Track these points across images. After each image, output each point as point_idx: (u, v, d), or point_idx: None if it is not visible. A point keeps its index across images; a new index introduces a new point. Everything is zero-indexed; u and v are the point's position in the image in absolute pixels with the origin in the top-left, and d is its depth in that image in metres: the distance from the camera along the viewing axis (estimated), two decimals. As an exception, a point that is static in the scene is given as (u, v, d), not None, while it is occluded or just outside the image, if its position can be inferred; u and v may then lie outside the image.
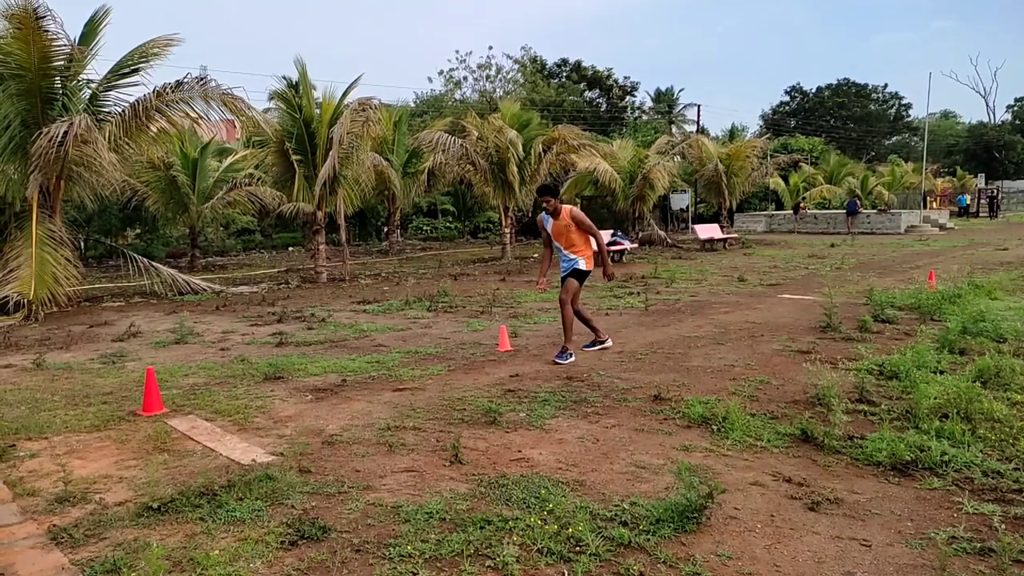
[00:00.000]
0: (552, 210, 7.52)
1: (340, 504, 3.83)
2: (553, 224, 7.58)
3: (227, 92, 13.03)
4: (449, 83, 46.12)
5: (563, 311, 7.45)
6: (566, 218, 7.50)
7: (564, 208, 7.54)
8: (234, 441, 4.94)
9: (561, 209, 7.53)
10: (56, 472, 4.33)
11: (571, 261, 7.53)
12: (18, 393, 6.37)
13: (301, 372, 7.04)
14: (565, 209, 7.54)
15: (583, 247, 7.54)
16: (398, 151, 24.73)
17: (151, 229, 23.60)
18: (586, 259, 7.53)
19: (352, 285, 15.46)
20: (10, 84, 11.79)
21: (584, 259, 7.51)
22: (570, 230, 7.48)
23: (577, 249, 7.52)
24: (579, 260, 7.50)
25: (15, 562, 3.17)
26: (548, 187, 7.61)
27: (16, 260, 11.45)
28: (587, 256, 7.55)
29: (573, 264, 7.52)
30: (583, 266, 7.52)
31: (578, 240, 7.52)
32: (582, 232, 7.53)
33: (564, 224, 7.49)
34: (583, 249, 7.53)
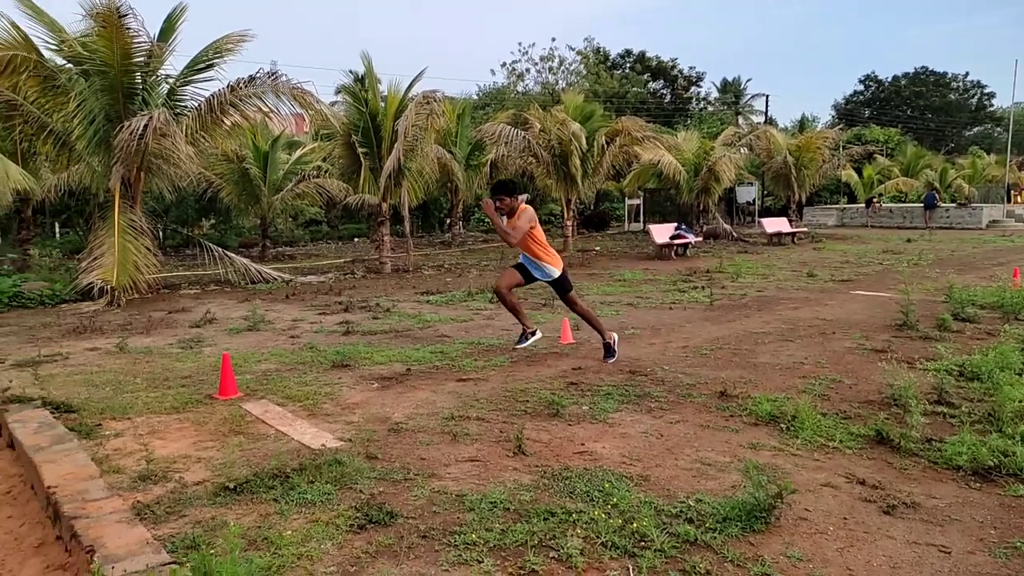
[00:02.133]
0: (508, 211, 6.81)
1: (406, 491, 3.90)
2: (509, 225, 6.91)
3: (297, 86, 13.34)
4: (512, 75, 46.19)
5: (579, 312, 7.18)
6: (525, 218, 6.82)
7: (522, 207, 6.86)
8: (304, 426, 5.08)
9: (518, 208, 6.83)
10: (139, 451, 4.55)
11: (539, 269, 6.99)
12: (103, 375, 6.70)
13: (367, 361, 7.19)
14: (522, 208, 6.86)
15: (545, 248, 6.94)
16: (461, 143, 24.89)
17: (225, 220, 24.43)
18: (552, 264, 6.95)
19: (415, 276, 15.68)
20: (95, 80, 12.35)
21: (551, 264, 6.94)
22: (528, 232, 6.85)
23: (537, 249, 6.90)
24: (548, 267, 6.94)
25: (103, 535, 3.33)
26: (502, 184, 6.92)
27: (100, 248, 12.02)
28: (551, 261, 6.96)
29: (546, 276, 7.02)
30: (556, 272, 6.98)
31: (535, 246, 6.89)
32: (539, 232, 6.90)
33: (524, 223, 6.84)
34: (546, 251, 6.95)
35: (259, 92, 13.18)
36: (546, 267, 6.97)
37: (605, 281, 13.82)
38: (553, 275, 7.01)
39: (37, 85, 12.23)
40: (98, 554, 3.15)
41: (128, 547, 3.21)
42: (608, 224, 32.96)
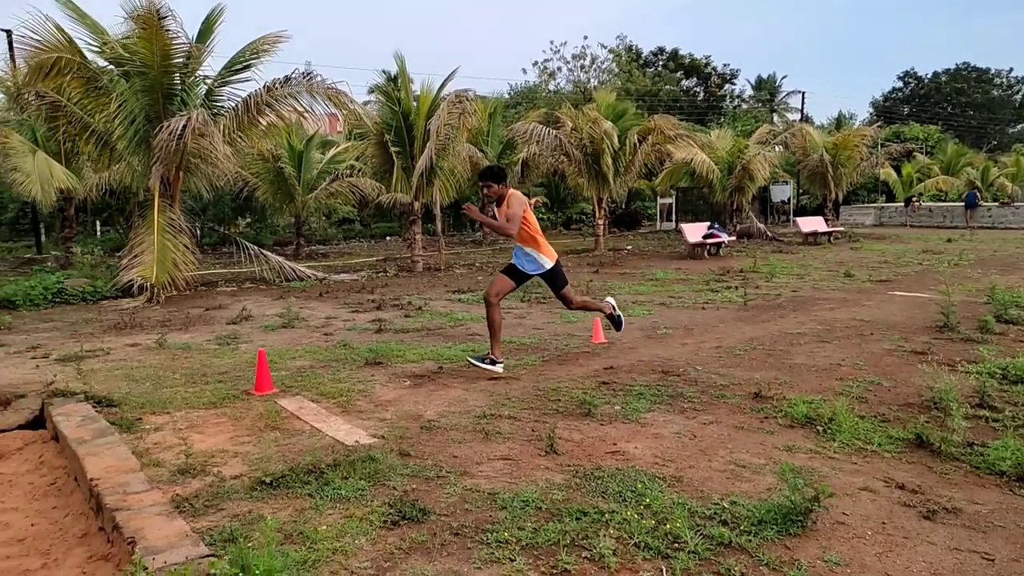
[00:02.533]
0: (497, 198, 6.47)
1: (438, 488, 3.92)
2: (500, 214, 6.55)
3: (331, 87, 13.49)
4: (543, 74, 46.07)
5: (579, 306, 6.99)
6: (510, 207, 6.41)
7: (511, 194, 6.44)
8: (338, 422, 5.14)
9: (507, 196, 6.43)
10: (178, 445, 4.64)
11: (532, 261, 6.58)
12: (143, 370, 6.85)
13: (399, 358, 7.24)
14: (511, 196, 6.44)
15: (538, 239, 6.53)
16: (492, 142, 24.95)
17: (260, 218, 24.79)
18: (545, 254, 6.54)
19: (447, 274, 15.75)
20: (135, 81, 12.62)
21: (543, 254, 6.53)
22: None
23: (528, 240, 6.52)
24: (540, 257, 6.53)
25: (144, 527, 3.40)
26: (489, 170, 6.55)
27: (140, 246, 12.28)
28: (544, 251, 6.54)
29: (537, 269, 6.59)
30: (548, 264, 6.57)
31: (526, 232, 6.48)
32: (531, 220, 6.51)
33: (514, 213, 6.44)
34: (538, 242, 6.53)
35: (294, 92, 13.35)
36: (539, 257, 6.52)
37: (637, 280, 13.74)
38: (545, 266, 6.55)
39: (80, 86, 12.54)
40: (139, 545, 3.21)
41: (168, 539, 3.28)
42: (639, 223, 32.76)
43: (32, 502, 4.33)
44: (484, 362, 6.42)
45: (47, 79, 12.14)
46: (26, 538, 3.86)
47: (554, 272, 6.67)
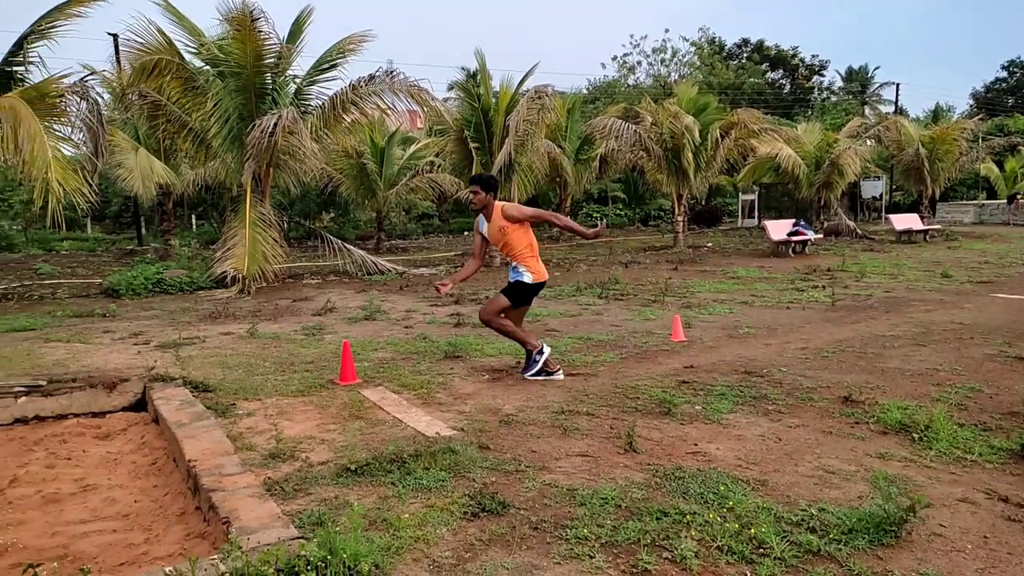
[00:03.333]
0: (480, 207, 6.18)
1: (518, 482, 3.95)
2: (488, 228, 6.23)
3: (414, 84, 13.75)
4: (623, 69, 45.60)
5: (495, 327, 6.27)
6: (499, 219, 6.09)
7: (496, 206, 6.13)
8: (419, 414, 5.24)
9: (494, 207, 6.12)
10: (269, 430, 4.83)
11: (514, 271, 6.21)
12: (236, 358, 7.16)
13: (478, 352, 7.32)
14: (497, 207, 6.12)
15: (525, 253, 6.13)
16: (570, 138, 24.85)
17: (343, 213, 25.50)
18: (531, 269, 6.14)
19: (524, 270, 15.79)
20: (230, 81, 13.18)
21: (528, 270, 6.13)
22: (506, 233, 6.11)
23: (518, 255, 6.14)
24: (521, 271, 6.14)
25: (238, 508, 3.56)
26: (479, 177, 6.22)
27: (233, 239, 12.84)
28: (532, 267, 6.15)
29: (517, 276, 6.18)
30: (528, 279, 6.13)
31: (518, 244, 6.10)
32: (523, 234, 6.13)
33: (498, 227, 6.12)
34: (526, 256, 6.14)
35: (378, 90, 13.67)
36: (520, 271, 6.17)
37: (718, 278, 13.44)
38: (523, 280, 6.15)
39: (179, 86, 13.19)
40: (234, 526, 3.37)
41: (260, 520, 3.42)
42: (720, 220, 32.01)
43: (135, 480, 4.60)
44: (537, 366, 6.07)
45: (149, 80, 12.83)
46: (130, 514, 4.10)
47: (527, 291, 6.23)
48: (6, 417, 5.47)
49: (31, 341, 8.13)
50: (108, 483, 4.51)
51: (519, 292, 6.19)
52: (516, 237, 6.09)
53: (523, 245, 6.10)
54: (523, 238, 6.12)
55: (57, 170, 9.76)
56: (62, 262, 18.73)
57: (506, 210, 6.08)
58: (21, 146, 9.69)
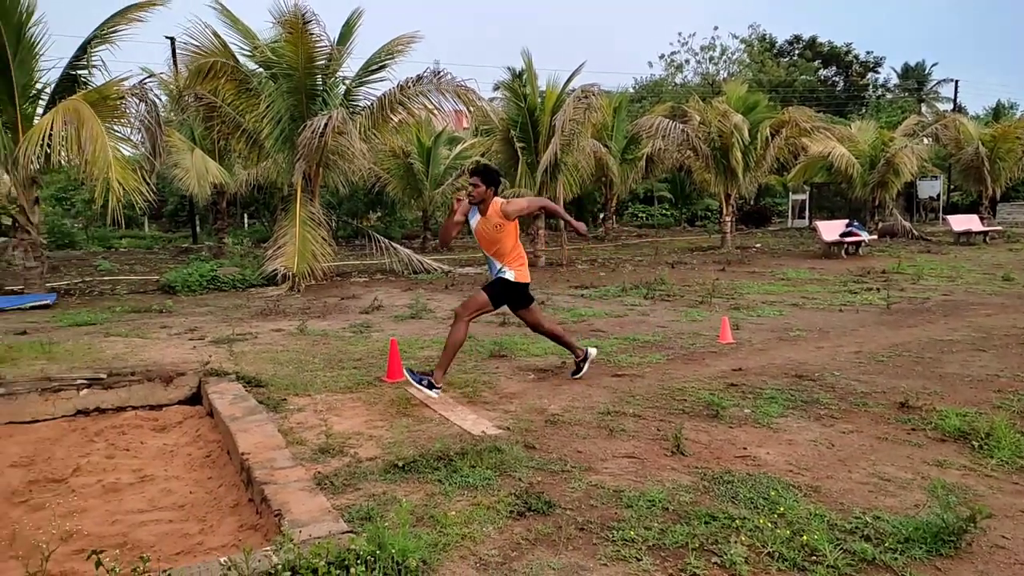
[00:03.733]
0: (479, 201, 5.69)
1: (563, 482, 3.94)
2: (479, 222, 5.74)
3: (461, 84, 13.83)
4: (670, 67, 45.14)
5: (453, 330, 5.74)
6: (495, 216, 5.66)
7: (496, 202, 5.68)
8: (465, 412, 5.27)
9: (491, 204, 5.67)
10: (318, 426, 4.92)
11: (497, 269, 5.83)
12: (286, 354, 7.30)
13: (523, 352, 7.33)
14: (496, 203, 5.67)
15: (514, 255, 5.80)
16: (616, 137, 24.70)
17: (390, 212, 25.80)
18: (516, 269, 5.79)
19: (569, 270, 15.77)
20: (282, 83, 13.45)
21: (513, 269, 5.78)
22: (500, 231, 5.70)
23: (505, 255, 5.78)
24: (506, 270, 5.79)
25: (289, 501, 3.64)
26: (483, 169, 5.78)
27: (283, 238, 13.10)
28: (518, 266, 5.80)
29: (499, 272, 5.82)
30: (511, 276, 5.77)
31: (508, 243, 5.75)
32: (514, 232, 5.78)
33: (494, 224, 5.69)
34: (513, 256, 5.80)
35: (425, 91, 13.79)
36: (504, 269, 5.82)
37: (767, 280, 13.20)
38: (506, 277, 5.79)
39: (233, 88, 13.51)
40: (285, 519, 3.44)
41: (311, 514, 3.49)
42: (769, 220, 31.43)
43: (190, 471, 4.73)
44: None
45: (204, 82, 13.18)
46: (185, 505, 4.22)
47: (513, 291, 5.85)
48: (69, 408, 5.68)
49: (92, 335, 8.42)
50: (165, 474, 4.65)
51: (502, 290, 5.80)
52: (509, 236, 5.72)
53: (511, 244, 5.74)
54: (513, 236, 5.76)
55: (117, 170, 10.10)
56: (121, 259, 19.36)
57: (506, 208, 5.65)
58: (84, 147, 10.06)
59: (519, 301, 6.03)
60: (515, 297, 5.95)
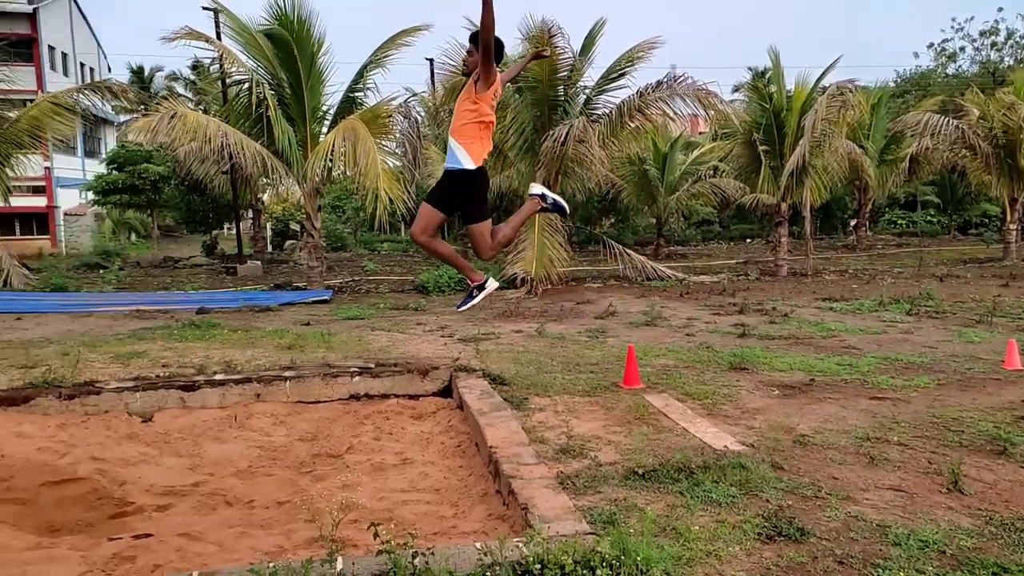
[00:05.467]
0: (469, 70, 4.27)
1: (818, 509, 3.68)
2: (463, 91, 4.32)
3: (701, 88, 13.50)
4: (940, 57, 40.18)
5: (429, 249, 4.61)
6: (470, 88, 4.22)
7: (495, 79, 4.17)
8: (705, 424, 5.13)
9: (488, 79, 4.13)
10: (559, 426, 5.07)
11: (452, 155, 4.29)
12: (527, 355, 7.62)
13: (766, 366, 6.96)
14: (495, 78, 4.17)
15: (472, 130, 4.21)
16: (874, 136, 22.52)
17: (623, 219, 25.89)
18: (470, 150, 4.23)
19: (815, 280, 14.70)
20: (526, 95, 14.08)
21: (467, 149, 4.23)
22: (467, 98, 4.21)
23: (461, 132, 4.23)
24: (459, 153, 4.24)
25: (534, 497, 3.79)
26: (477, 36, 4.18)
27: (523, 243, 13.68)
28: (474, 147, 4.23)
29: (452, 161, 4.30)
30: (465, 161, 4.22)
31: (467, 111, 4.19)
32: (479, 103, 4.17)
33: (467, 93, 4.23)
34: (470, 133, 4.22)
35: (664, 96, 13.63)
36: (460, 153, 4.24)
37: (1065, 298, 11.24)
38: (464, 165, 4.24)
39: (483, 103, 14.39)
40: (531, 513, 3.59)
41: (555, 511, 3.60)
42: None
43: (444, 459, 5.11)
44: (474, 297, 4.70)
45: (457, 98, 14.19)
46: (440, 489, 4.57)
47: (474, 181, 4.32)
48: (343, 393, 6.42)
49: (361, 328, 9.45)
50: (422, 459, 5.08)
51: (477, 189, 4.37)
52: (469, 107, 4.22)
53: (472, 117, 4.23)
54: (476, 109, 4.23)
55: (384, 180, 11.24)
56: (383, 261, 21.50)
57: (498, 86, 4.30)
58: (358, 160, 11.33)
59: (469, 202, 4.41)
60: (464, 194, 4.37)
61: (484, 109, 4.23)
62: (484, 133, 4.30)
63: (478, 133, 4.27)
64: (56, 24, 32.57)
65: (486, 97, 4.23)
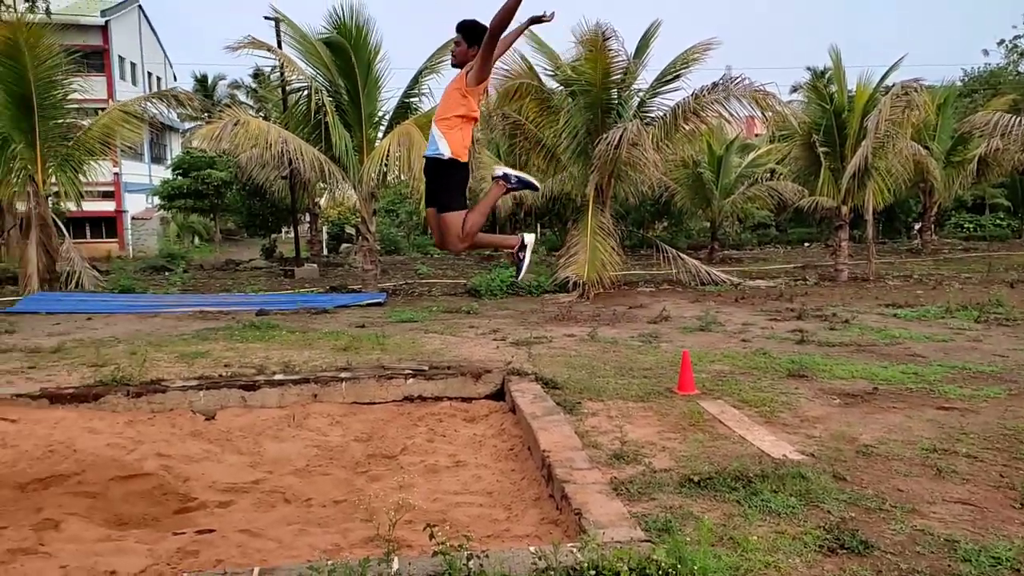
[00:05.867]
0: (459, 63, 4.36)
1: (882, 522, 3.56)
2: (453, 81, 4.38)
3: (759, 89, 13.25)
4: (1012, 53, 38.56)
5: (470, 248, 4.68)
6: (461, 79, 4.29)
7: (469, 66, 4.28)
8: (762, 432, 5.02)
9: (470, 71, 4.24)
10: (612, 431, 5.03)
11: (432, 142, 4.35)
12: (579, 359, 7.59)
13: (825, 373, 6.78)
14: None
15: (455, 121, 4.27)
16: (940, 137, 21.77)
17: (676, 222, 25.61)
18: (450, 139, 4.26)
19: (877, 286, 14.27)
20: (579, 99, 14.04)
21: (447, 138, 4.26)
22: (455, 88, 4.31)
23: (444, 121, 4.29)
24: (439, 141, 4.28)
25: (588, 502, 3.77)
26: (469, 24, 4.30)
27: (576, 247, 13.66)
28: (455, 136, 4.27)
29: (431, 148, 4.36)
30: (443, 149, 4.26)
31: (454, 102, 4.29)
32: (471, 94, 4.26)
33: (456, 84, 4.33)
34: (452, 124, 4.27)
35: (719, 98, 13.42)
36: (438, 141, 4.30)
37: None
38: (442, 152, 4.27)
39: (535, 107, 14.43)
40: (585, 518, 3.57)
41: (609, 517, 3.58)
42: None
43: (497, 462, 5.13)
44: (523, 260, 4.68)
45: (510, 102, 14.27)
46: (493, 492, 4.59)
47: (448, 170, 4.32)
48: (398, 394, 6.50)
49: (414, 331, 9.56)
50: (475, 461, 5.10)
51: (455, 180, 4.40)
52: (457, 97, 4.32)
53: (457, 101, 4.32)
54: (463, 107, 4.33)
55: (438, 184, 11.32)
56: (435, 264, 21.69)
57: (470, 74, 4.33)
58: (412, 164, 11.48)
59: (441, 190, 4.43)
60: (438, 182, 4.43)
61: (472, 104, 4.31)
62: (466, 126, 4.35)
63: (460, 125, 4.31)
64: (126, 35, 33.94)
65: (476, 91, 4.32)
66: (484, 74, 4.24)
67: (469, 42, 4.29)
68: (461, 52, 4.35)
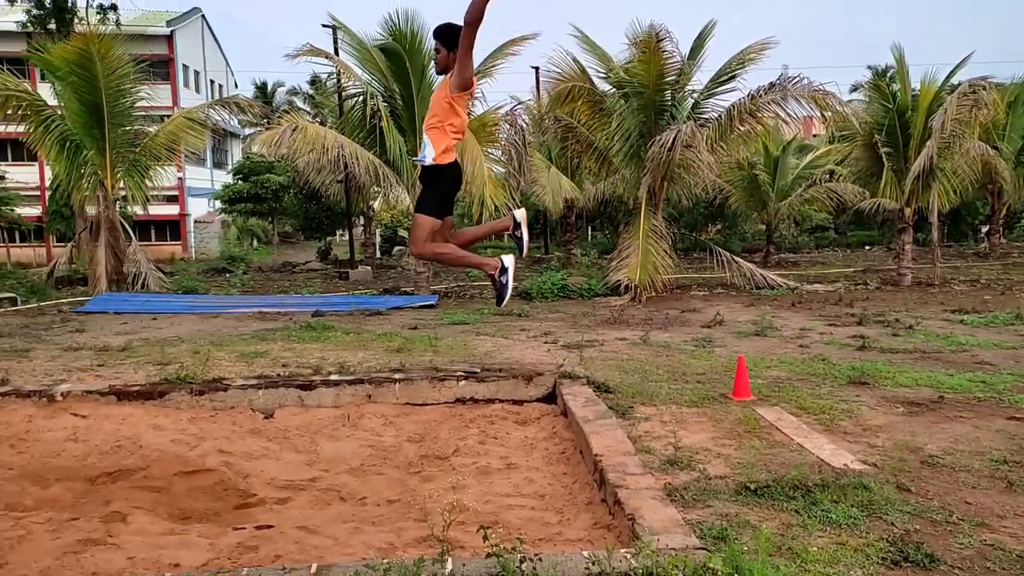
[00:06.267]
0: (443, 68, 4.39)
1: (948, 535, 3.44)
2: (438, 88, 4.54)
3: (818, 89, 12.97)
4: (1090, 46, 36.75)
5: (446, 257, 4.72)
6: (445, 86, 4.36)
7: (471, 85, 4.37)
8: (821, 441, 4.90)
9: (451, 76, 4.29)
10: (665, 437, 4.97)
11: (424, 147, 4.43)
12: (631, 363, 7.53)
13: (888, 381, 6.58)
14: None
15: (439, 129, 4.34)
16: (1010, 137, 20.89)
17: (730, 225, 25.22)
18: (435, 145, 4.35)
19: (942, 291, 13.78)
20: (632, 101, 13.96)
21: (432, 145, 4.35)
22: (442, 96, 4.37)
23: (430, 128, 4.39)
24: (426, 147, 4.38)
25: (641, 507, 3.73)
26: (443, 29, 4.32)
27: (627, 250, 13.57)
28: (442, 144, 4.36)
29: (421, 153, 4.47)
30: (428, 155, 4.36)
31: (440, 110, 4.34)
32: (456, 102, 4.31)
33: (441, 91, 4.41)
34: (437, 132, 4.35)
35: (776, 98, 13.17)
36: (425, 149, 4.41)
37: None
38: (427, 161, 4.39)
39: (588, 110, 14.41)
40: (637, 524, 3.54)
41: (662, 524, 3.53)
42: None
43: (548, 465, 5.12)
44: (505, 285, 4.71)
45: (562, 105, 14.28)
46: (545, 495, 4.58)
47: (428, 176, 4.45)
48: (450, 396, 6.55)
49: (466, 333, 9.62)
50: (526, 464, 5.11)
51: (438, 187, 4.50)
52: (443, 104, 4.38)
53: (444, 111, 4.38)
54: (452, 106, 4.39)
55: (490, 187, 11.44)
56: (485, 267, 21.81)
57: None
58: (465, 167, 11.56)
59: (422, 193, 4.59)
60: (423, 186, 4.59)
61: (457, 110, 4.35)
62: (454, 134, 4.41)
63: (445, 131, 4.36)
64: (190, 44, 35.13)
65: (461, 99, 4.35)
66: (466, 77, 4.22)
67: (448, 47, 4.27)
68: (443, 58, 4.36)
